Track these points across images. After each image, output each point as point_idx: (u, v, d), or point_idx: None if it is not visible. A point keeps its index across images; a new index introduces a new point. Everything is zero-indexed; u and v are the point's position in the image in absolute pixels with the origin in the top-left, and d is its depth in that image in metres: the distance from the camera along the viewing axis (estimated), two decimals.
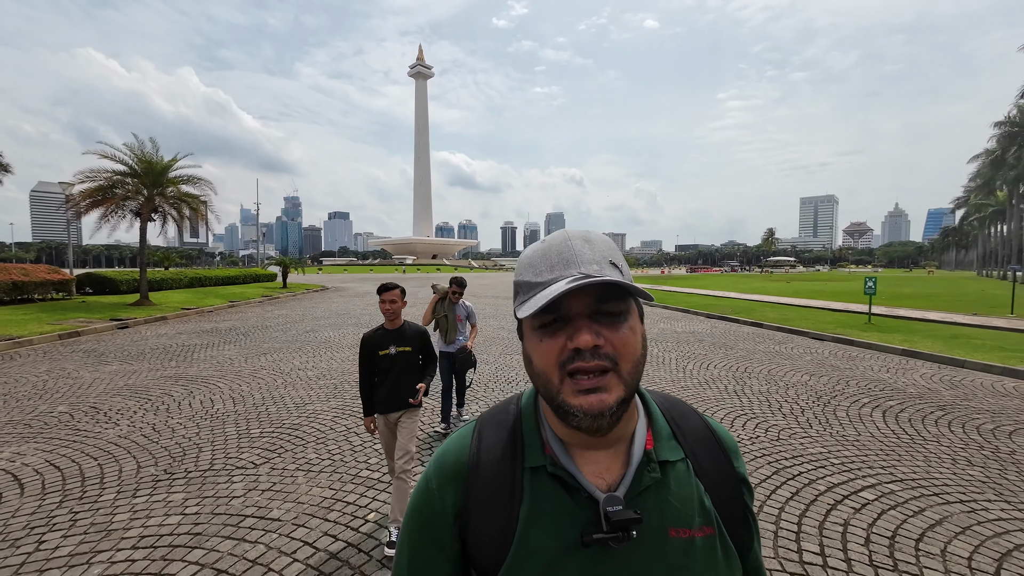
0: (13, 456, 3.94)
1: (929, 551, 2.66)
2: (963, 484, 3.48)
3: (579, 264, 0.55)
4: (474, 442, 0.65)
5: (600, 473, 0.60)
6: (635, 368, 0.56)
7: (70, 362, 7.85)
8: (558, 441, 0.61)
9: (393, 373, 2.91)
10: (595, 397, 0.54)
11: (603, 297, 0.55)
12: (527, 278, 0.58)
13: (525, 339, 0.60)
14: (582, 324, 0.54)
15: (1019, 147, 30.04)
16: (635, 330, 0.57)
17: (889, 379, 6.77)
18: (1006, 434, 4.54)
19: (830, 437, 4.43)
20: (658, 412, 0.67)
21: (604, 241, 0.60)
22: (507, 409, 0.68)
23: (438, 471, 0.64)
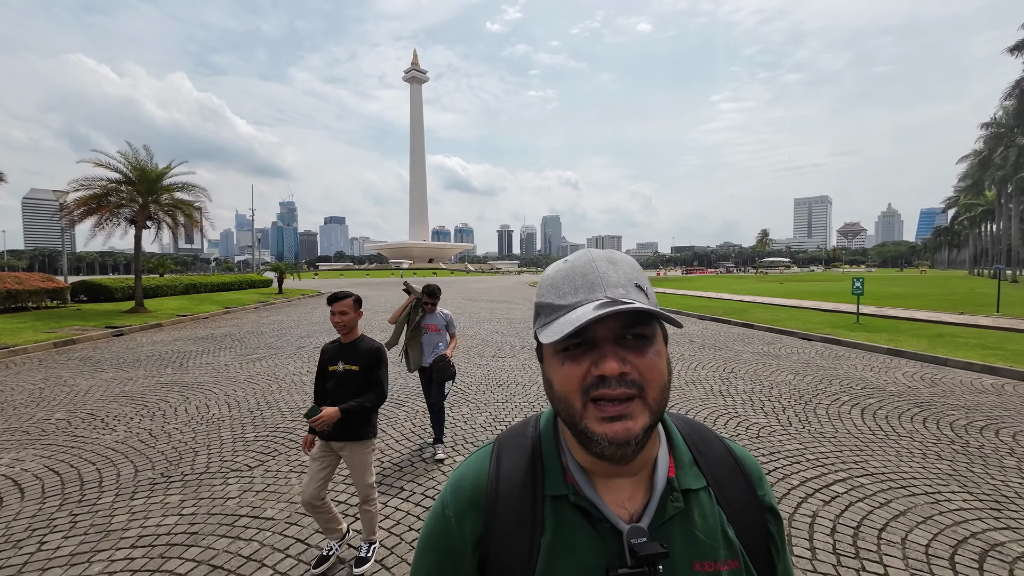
0: (12, 462, 4.04)
1: (890, 539, 2.81)
2: (930, 477, 3.64)
3: (605, 287, 0.54)
4: (492, 466, 0.63)
5: (622, 502, 0.58)
6: (661, 395, 0.55)
7: (66, 370, 7.92)
8: (579, 468, 0.60)
9: (336, 395, 2.56)
10: (620, 425, 0.52)
11: (630, 322, 0.53)
12: (550, 300, 0.56)
13: (546, 362, 0.58)
14: (608, 350, 0.53)
15: (1005, 148, 30.52)
16: (661, 355, 0.56)
17: (871, 378, 6.95)
18: (977, 429, 4.71)
19: (808, 434, 4.58)
20: (679, 437, 0.65)
21: (629, 263, 0.59)
22: (525, 432, 0.66)
23: (455, 497, 0.62)
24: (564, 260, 0.60)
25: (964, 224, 57.31)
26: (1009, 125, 30.13)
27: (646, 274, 0.59)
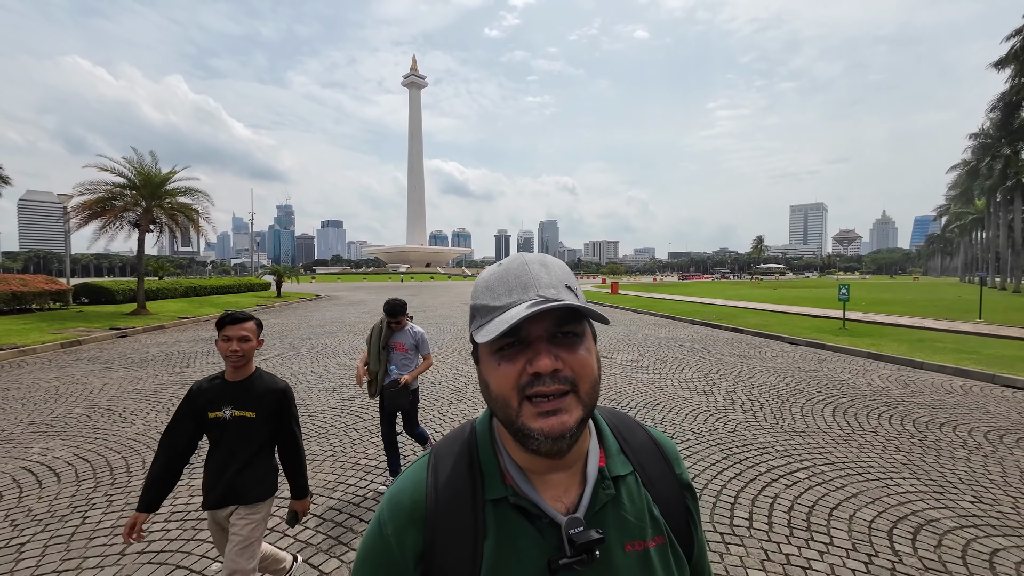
0: (43, 451, 4.36)
1: (839, 516, 3.18)
2: (885, 466, 4.01)
3: (537, 287, 0.56)
4: (430, 478, 0.63)
5: (559, 496, 0.60)
6: (593, 389, 0.57)
7: (77, 369, 8.21)
8: (517, 468, 0.61)
9: (222, 449, 1.97)
10: (556, 419, 0.54)
11: (561, 320, 0.55)
12: (485, 301, 0.58)
13: (482, 363, 0.59)
14: (541, 348, 0.55)
15: (992, 158, 31.23)
16: (591, 351, 0.58)
17: (848, 379, 7.33)
18: (937, 425, 5.09)
19: (780, 429, 4.95)
20: (607, 428, 0.68)
21: (560, 266, 0.61)
22: (461, 438, 0.67)
23: (393, 513, 0.61)
24: (498, 264, 0.62)
25: (955, 232, 58.19)
26: (996, 136, 30.83)
27: (575, 277, 0.63)
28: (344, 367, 8.19)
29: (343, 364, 8.45)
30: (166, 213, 17.01)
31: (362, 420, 5.27)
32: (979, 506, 3.33)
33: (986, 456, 4.24)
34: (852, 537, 2.92)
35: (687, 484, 0.69)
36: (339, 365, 8.37)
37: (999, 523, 3.10)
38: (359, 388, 5.65)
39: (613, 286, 32.09)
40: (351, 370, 7.94)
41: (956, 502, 3.39)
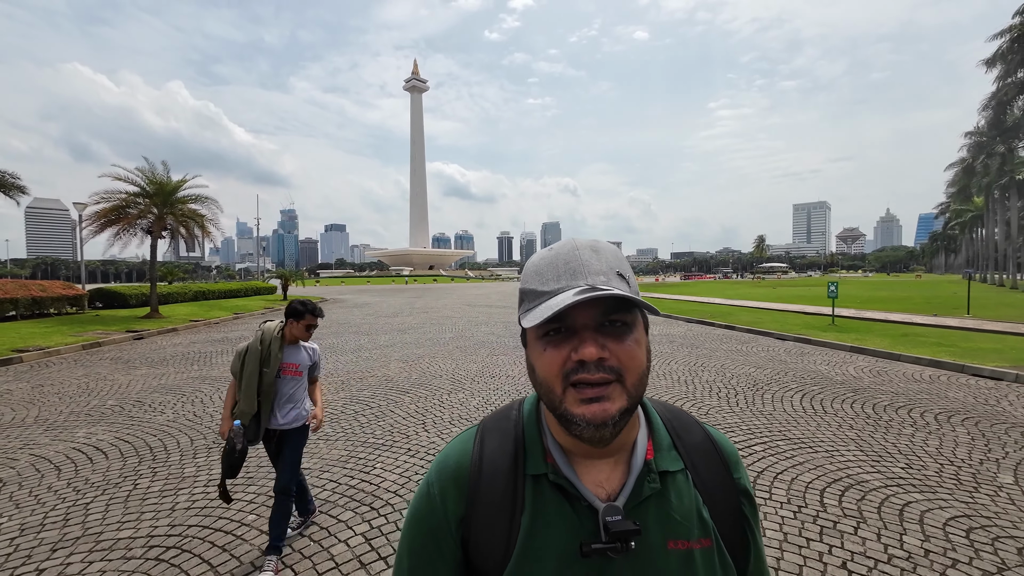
0: (88, 435, 4.90)
1: (784, 479, 3.67)
2: (835, 441, 4.49)
3: (586, 275, 0.55)
4: (476, 448, 0.65)
5: (600, 482, 0.60)
6: (639, 380, 0.56)
7: (102, 368, 8.78)
8: (560, 449, 0.62)
9: None
10: (598, 407, 0.54)
11: (609, 309, 0.55)
12: (533, 286, 0.58)
13: (529, 347, 0.60)
14: (587, 336, 0.54)
15: (987, 156, 31.53)
16: (640, 342, 0.57)
17: (825, 371, 7.79)
18: (894, 409, 5.56)
19: (749, 413, 5.44)
20: (659, 421, 0.67)
21: (612, 251, 0.60)
22: (508, 415, 0.68)
23: (440, 476, 0.64)
24: (549, 248, 0.61)
25: (956, 229, 58.28)
26: (991, 134, 31.15)
27: (629, 264, 0.61)
28: (350, 364, 8.72)
29: (349, 361, 8.98)
30: (177, 220, 17.65)
31: (369, 408, 5.79)
32: (908, 471, 3.82)
33: (929, 433, 4.72)
34: (789, 494, 3.42)
35: (745, 490, 0.67)
36: (346, 362, 8.90)
37: (920, 484, 3.59)
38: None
39: None
40: (357, 366, 8.47)
41: (889, 468, 3.87)
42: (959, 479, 3.68)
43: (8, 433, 5.00)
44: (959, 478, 3.69)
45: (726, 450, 0.69)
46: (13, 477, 3.88)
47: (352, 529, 3.03)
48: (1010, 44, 20.19)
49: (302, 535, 2.97)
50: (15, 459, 4.27)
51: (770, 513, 3.17)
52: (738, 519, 0.65)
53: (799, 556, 2.71)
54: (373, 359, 9.17)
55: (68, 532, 3.03)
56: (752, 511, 0.67)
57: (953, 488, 3.52)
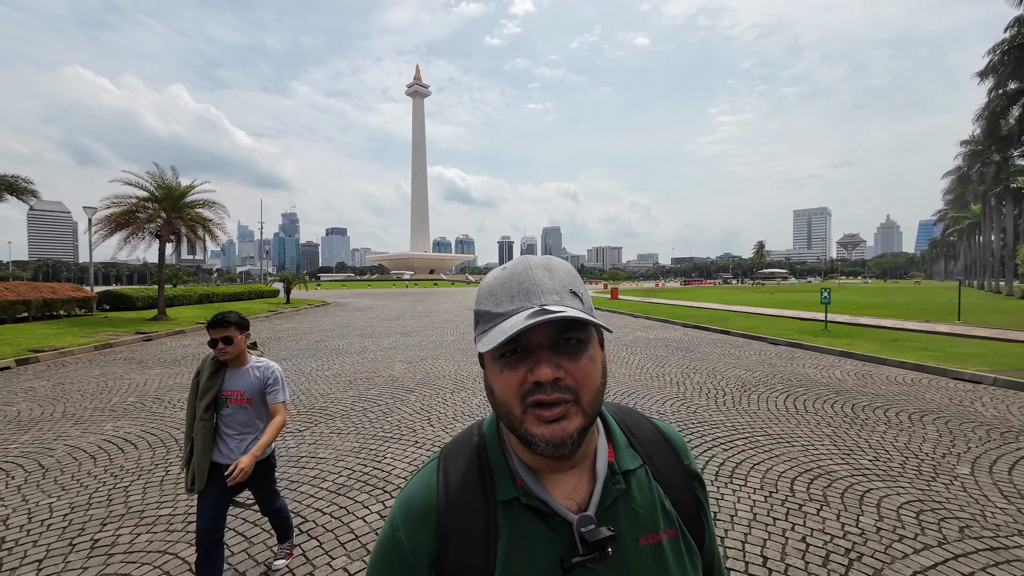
0: (115, 428, 5.25)
1: (759, 469, 4.01)
2: (811, 437, 4.83)
3: (540, 295, 0.56)
4: (440, 480, 0.64)
5: (569, 494, 0.61)
6: (595, 398, 0.57)
7: (117, 367, 9.12)
8: (526, 468, 0.62)
9: None
10: (556, 426, 0.55)
11: (563, 327, 0.56)
12: (487, 307, 0.58)
13: (487, 369, 0.60)
14: (543, 356, 0.55)
15: (982, 164, 31.96)
16: (595, 359, 0.58)
17: (812, 374, 8.13)
18: (872, 409, 5.90)
19: (735, 412, 5.78)
20: (614, 423, 0.69)
21: (565, 268, 0.61)
22: (470, 440, 0.68)
23: (405, 517, 0.63)
24: (503, 267, 0.61)
25: (954, 236, 58.70)
26: (986, 144, 31.59)
27: (582, 279, 0.62)
28: (356, 365, 9.07)
29: (355, 362, 9.33)
30: (186, 224, 18.05)
31: (377, 405, 6.14)
32: (875, 463, 4.16)
33: (901, 430, 5.06)
34: (762, 481, 3.76)
35: (695, 474, 0.70)
36: (352, 363, 9.26)
37: (884, 474, 3.93)
38: None
39: (613, 291, 32.95)
40: (363, 367, 8.81)
41: (858, 460, 4.21)
42: (920, 470, 4.01)
43: (40, 426, 5.35)
44: (920, 469, 4.03)
45: (674, 439, 0.72)
46: (54, 465, 4.23)
47: (368, 508, 3.38)
48: (1000, 57, 20.68)
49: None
50: (52, 449, 4.62)
51: (743, 497, 3.51)
52: (693, 503, 0.68)
53: (764, 532, 3.05)
54: (378, 360, 9.52)
55: (113, 510, 3.38)
56: (703, 493, 0.71)
57: (913, 478, 3.86)
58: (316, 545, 2.93)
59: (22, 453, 4.52)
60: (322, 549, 2.89)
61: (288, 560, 2.73)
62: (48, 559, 2.80)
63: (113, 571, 2.69)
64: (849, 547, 2.87)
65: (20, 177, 19.59)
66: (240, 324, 2.35)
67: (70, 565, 2.74)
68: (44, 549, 2.90)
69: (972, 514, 3.27)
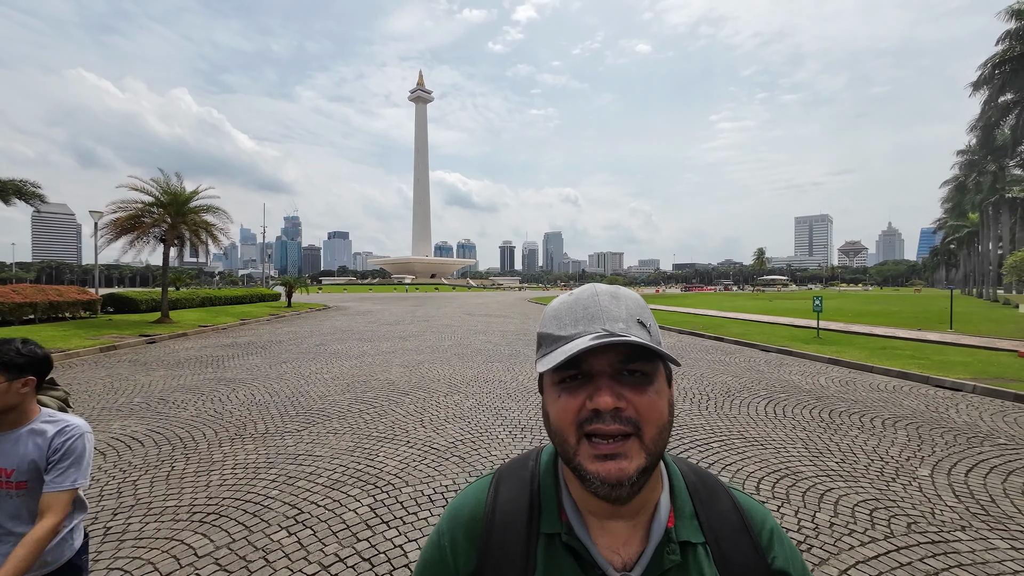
0: (122, 427, 5.51)
1: (730, 469, 4.25)
2: (785, 440, 5.07)
3: (604, 320, 0.54)
4: (490, 498, 0.63)
5: (616, 548, 0.57)
6: (659, 435, 0.54)
7: (122, 369, 9.39)
8: (575, 508, 0.60)
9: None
10: (614, 464, 0.51)
11: (628, 357, 0.53)
12: (551, 330, 0.57)
13: (545, 394, 0.58)
14: (603, 384, 0.53)
15: (979, 174, 32.24)
16: (661, 394, 0.55)
17: (797, 380, 8.36)
18: (848, 415, 6.13)
19: (716, 416, 6.02)
20: (682, 485, 0.63)
21: (634, 299, 0.59)
22: (526, 464, 0.66)
23: (451, 525, 0.63)
24: (570, 293, 0.60)
25: (954, 244, 58.86)
26: (982, 154, 31.89)
27: (649, 308, 0.60)
28: (355, 368, 9.33)
29: (354, 366, 9.59)
30: (190, 228, 18.39)
31: (372, 407, 6.39)
32: (840, 464, 4.39)
33: (872, 435, 5.29)
34: (731, 481, 3.99)
35: (781, 571, 0.59)
36: (351, 367, 9.51)
37: (848, 475, 4.16)
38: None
39: None
40: (360, 370, 9.07)
41: (825, 462, 4.45)
42: (883, 472, 4.25)
43: None
44: (883, 471, 4.26)
45: (756, 523, 0.62)
46: None
47: (359, 501, 3.63)
48: (991, 70, 21.02)
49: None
50: None
51: None
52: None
53: None
54: (376, 364, 9.77)
55: (123, 501, 3.63)
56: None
57: (875, 479, 4.09)
58: (310, 534, 3.18)
59: None
60: (315, 537, 3.14)
61: None
62: None
63: (126, 555, 2.94)
64: (801, 539, 3.11)
65: (27, 181, 19.97)
66: (12, 364, 1.45)
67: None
68: None
69: (922, 512, 3.50)
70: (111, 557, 2.91)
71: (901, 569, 2.79)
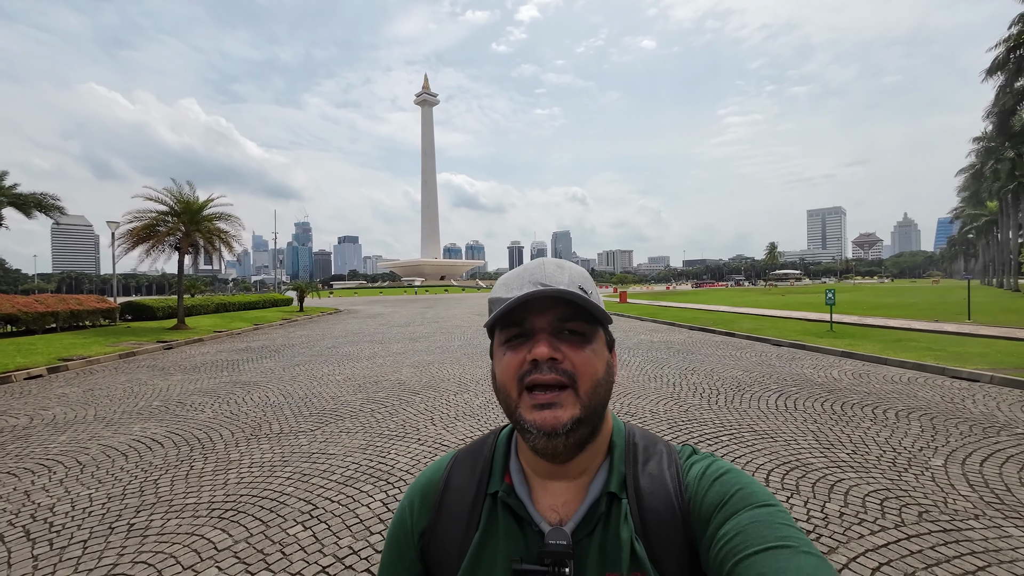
0: (143, 429, 5.67)
1: (739, 462, 4.25)
2: (796, 433, 5.04)
3: (548, 285, 0.57)
4: (447, 467, 0.69)
5: (556, 507, 0.61)
6: (594, 388, 0.57)
7: (141, 374, 9.63)
8: (519, 469, 0.64)
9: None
10: (549, 413, 0.54)
11: (566, 317, 0.57)
12: (498, 294, 0.60)
13: (494, 357, 0.61)
14: (542, 337, 0.56)
15: (996, 161, 31.49)
16: (598, 353, 0.58)
17: (809, 374, 8.28)
18: (861, 407, 6.07)
19: (725, 410, 6.00)
20: (620, 445, 0.65)
21: (578, 269, 0.62)
22: (484, 440, 0.71)
23: (410, 490, 0.70)
24: (520, 266, 0.63)
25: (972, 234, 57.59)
26: (999, 140, 31.16)
27: (594, 283, 0.62)
28: (366, 369, 9.45)
29: (365, 367, 9.72)
30: (204, 236, 18.74)
31: (384, 407, 6.48)
32: (852, 456, 4.37)
33: (884, 426, 5.24)
34: None
35: (709, 508, 0.57)
36: (363, 368, 9.64)
37: (858, 466, 4.14)
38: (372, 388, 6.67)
39: (621, 295, 33.15)
40: (372, 371, 9.19)
41: (836, 454, 4.42)
42: (895, 462, 4.21)
43: (75, 428, 5.79)
44: (895, 462, 4.23)
45: (684, 473, 0.62)
46: (90, 461, 4.64)
47: (372, 497, 3.71)
48: (1006, 54, 20.53)
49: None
50: (87, 448, 5.04)
51: None
52: (680, 547, 0.57)
53: None
54: (387, 365, 9.89)
55: (145, 499, 3.76)
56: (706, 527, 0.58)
57: (886, 469, 4.07)
58: (325, 528, 3.26)
59: (61, 451, 4.95)
60: (330, 531, 3.22)
61: None
62: (92, 540, 3.17)
63: (149, 549, 3.05)
64: (810, 529, 3.11)
65: (47, 194, 20.55)
66: None
67: (111, 545, 3.11)
68: (88, 532, 3.28)
69: (934, 501, 3.48)
70: (135, 552, 3.02)
71: (912, 556, 2.79)
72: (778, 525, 0.52)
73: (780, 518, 0.53)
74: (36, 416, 6.41)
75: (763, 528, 0.51)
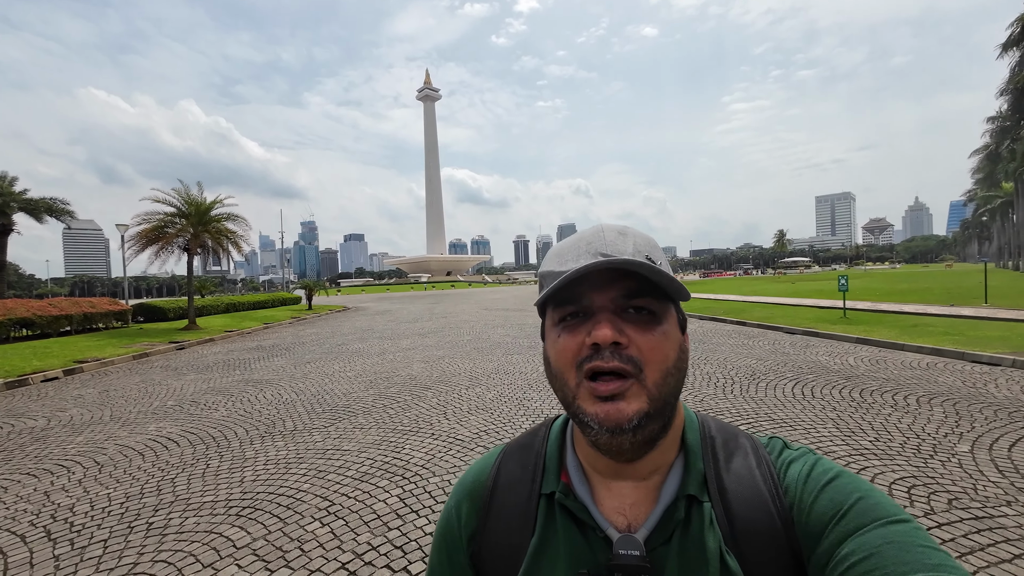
0: (158, 428, 5.70)
1: None
2: (815, 421, 4.95)
3: (609, 253, 0.49)
4: (496, 464, 0.63)
5: (623, 509, 0.53)
6: (663, 378, 0.49)
7: (154, 374, 9.71)
8: (578, 466, 0.57)
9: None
10: (612, 406, 0.47)
11: (632, 292, 0.49)
12: (551, 267, 0.52)
13: (546, 339, 0.54)
14: (604, 317, 0.48)
15: (1012, 140, 30.76)
16: (669, 336, 0.50)
17: (824, 361, 8.15)
18: (880, 393, 5.95)
19: (741, 399, 5.92)
20: (695, 440, 0.57)
21: (642, 235, 0.53)
22: (536, 432, 0.65)
23: (457, 490, 0.64)
24: (575, 233, 0.55)
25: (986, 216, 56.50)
26: (1015, 119, 30.43)
27: (661, 251, 0.53)
28: (376, 365, 9.46)
29: (375, 363, 9.73)
30: (212, 237, 18.85)
31: (396, 402, 6.47)
32: (875, 443, 4.27)
33: (906, 413, 5.13)
34: None
35: (817, 516, 0.48)
36: (373, 364, 9.65)
37: (881, 453, 4.05)
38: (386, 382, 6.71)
39: None
40: (382, 367, 9.19)
41: (859, 442, 4.33)
42: (919, 449, 4.12)
43: (92, 428, 5.84)
44: (919, 448, 4.14)
45: (780, 473, 0.54)
46: (107, 461, 4.67)
47: (388, 492, 3.69)
48: (1022, 30, 19.95)
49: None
50: (104, 448, 5.08)
51: None
52: (785, 572, 0.50)
53: None
54: (397, 361, 9.89)
55: (163, 497, 3.77)
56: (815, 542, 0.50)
57: (911, 456, 3.97)
58: (343, 524, 3.24)
59: (78, 452, 4.99)
60: (348, 527, 3.20)
61: None
62: (111, 539, 3.18)
63: (168, 548, 3.05)
64: None
65: (57, 199, 20.78)
66: None
67: (130, 544, 3.11)
68: (107, 531, 3.29)
69: (964, 488, 3.39)
70: (155, 550, 3.02)
71: (944, 546, 2.71)
72: (921, 548, 0.43)
73: (920, 538, 0.44)
74: (53, 418, 6.48)
75: (902, 551, 0.42)
